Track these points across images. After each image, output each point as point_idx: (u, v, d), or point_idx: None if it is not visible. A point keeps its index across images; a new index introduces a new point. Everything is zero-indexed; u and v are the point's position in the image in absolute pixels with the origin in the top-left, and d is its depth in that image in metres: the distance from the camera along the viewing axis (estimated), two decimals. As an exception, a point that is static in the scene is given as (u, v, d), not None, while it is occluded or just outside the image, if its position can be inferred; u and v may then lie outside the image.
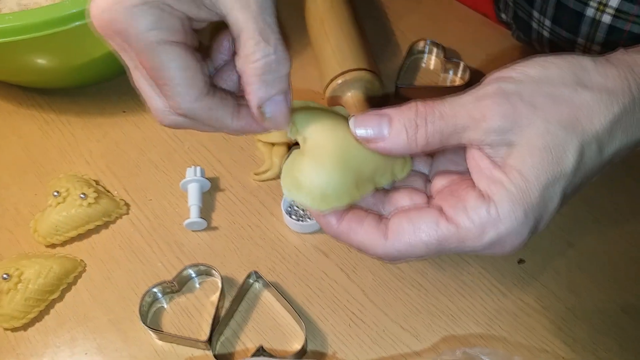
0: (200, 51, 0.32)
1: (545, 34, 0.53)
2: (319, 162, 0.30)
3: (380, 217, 0.32)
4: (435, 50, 0.60)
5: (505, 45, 0.61)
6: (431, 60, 0.60)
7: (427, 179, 0.35)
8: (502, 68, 0.29)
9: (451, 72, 0.58)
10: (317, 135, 0.31)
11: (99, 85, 0.59)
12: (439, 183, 0.33)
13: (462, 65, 0.57)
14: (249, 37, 0.29)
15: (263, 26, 0.29)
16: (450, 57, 0.58)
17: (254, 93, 0.30)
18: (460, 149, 0.32)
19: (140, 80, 0.32)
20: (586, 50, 0.50)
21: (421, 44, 0.60)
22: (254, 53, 0.29)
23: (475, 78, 0.57)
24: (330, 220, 0.31)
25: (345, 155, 0.31)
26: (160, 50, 0.29)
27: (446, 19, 0.64)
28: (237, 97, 0.33)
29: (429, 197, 0.33)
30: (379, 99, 0.53)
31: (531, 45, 0.58)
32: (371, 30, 0.61)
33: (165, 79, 0.30)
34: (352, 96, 0.52)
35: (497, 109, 0.27)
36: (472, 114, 0.28)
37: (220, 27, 0.33)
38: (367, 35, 0.57)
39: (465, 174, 0.32)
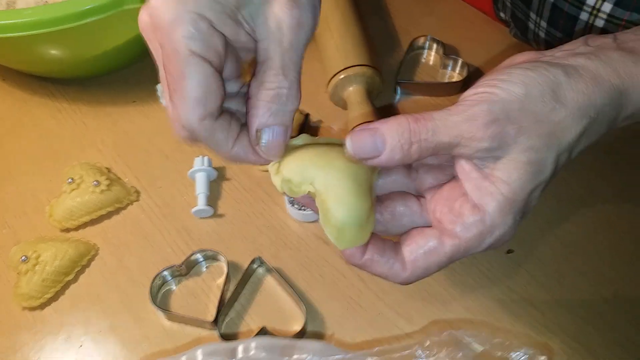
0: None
1: (541, 34, 0.55)
2: (344, 204, 0.32)
3: (395, 244, 0.35)
4: (435, 46, 0.62)
5: (504, 42, 0.63)
6: (431, 56, 0.62)
7: (410, 166, 0.37)
8: (486, 78, 0.32)
9: (449, 68, 0.60)
10: (322, 179, 0.33)
11: (110, 75, 0.61)
12: (426, 181, 0.36)
13: (460, 61, 0.59)
14: (271, 67, 0.31)
15: (287, 63, 0.31)
16: (449, 53, 0.60)
17: (258, 116, 0.32)
18: None
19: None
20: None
21: (421, 40, 0.62)
22: (271, 82, 0.31)
23: (473, 74, 0.59)
24: (356, 253, 0.34)
25: (355, 181, 0.33)
26: (188, 60, 0.29)
27: (447, 16, 0.66)
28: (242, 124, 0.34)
29: (418, 197, 0.36)
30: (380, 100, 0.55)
31: (528, 43, 0.60)
32: (373, 26, 0.63)
33: (180, 89, 0.30)
34: (353, 90, 0.54)
35: (487, 132, 0.30)
36: (463, 134, 0.31)
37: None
38: (370, 31, 0.59)
39: (445, 168, 0.35)
